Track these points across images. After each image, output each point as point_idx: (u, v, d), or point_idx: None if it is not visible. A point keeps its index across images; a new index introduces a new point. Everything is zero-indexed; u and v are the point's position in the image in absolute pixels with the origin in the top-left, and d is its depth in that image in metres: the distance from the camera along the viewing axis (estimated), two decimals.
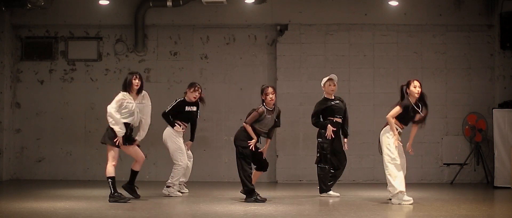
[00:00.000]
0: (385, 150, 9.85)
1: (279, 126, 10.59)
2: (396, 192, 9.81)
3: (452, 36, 13.92)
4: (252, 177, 10.38)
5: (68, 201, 10.16)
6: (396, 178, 9.77)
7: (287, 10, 13.93)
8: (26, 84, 14.14)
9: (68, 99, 14.11)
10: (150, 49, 14.11)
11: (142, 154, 10.47)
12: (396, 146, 9.79)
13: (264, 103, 10.24)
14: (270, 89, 10.25)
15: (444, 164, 13.83)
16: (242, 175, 10.14)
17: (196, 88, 11.04)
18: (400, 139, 9.86)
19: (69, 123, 14.06)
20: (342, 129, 11.08)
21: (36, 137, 14.08)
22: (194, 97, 11.05)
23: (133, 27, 13.96)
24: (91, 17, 14.00)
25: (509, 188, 12.45)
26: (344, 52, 13.92)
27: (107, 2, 13.60)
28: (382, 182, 11.63)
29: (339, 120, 10.95)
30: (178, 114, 11.02)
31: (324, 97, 11.05)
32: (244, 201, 10.08)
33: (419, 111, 9.86)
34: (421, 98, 9.89)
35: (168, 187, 10.96)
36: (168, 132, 11.06)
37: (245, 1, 13.60)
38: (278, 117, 10.39)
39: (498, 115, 12.83)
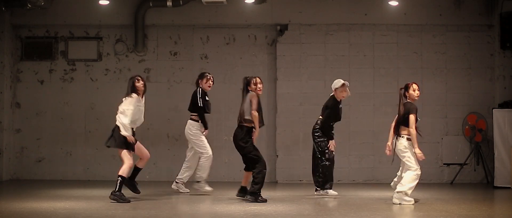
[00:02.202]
0: (409, 163, 9.82)
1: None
2: (401, 190, 9.80)
3: (452, 36, 13.92)
4: (244, 178, 10.43)
5: (68, 201, 10.16)
6: (410, 182, 9.78)
7: (287, 10, 13.93)
8: (26, 84, 14.14)
9: (68, 99, 14.11)
10: (150, 49, 14.11)
11: (147, 151, 10.57)
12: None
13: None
14: (258, 79, 10.33)
15: (444, 164, 13.84)
16: (262, 172, 10.02)
17: (208, 77, 11.10)
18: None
19: (69, 123, 14.06)
20: None
21: (36, 137, 14.08)
22: (209, 86, 11.12)
23: (133, 27, 13.96)
24: (91, 17, 14.00)
25: (509, 188, 12.46)
26: (344, 52, 13.92)
27: (107, 2, 13.60)
28: (382, 182, 11.64)
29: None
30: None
31: (335, 99, 10.96)
32: (248, 200, 10.06)
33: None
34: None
35: (198, 182, 11.06)
36: (194, 126, 11.04)
37: (245, 1, 13.60)
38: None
39: (498, 115, 12.83)
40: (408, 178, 9.80)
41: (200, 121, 11.07)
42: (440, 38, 13.92)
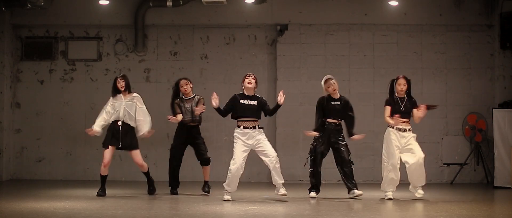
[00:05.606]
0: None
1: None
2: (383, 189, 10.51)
3: (452, 36, 13.92)
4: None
5: (68, 201, 10.16)
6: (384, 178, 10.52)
7: (287, 10, 13.93)
8: (26, 84, 14.14)
9: (68, 99, 14.12)
10: (150, 49, 14.12)
11: (138, 159, 10.92)
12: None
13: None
14: (182, 81, 11.02)
15: (444, 164, 13.84)
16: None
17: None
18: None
19: (69, 123, 14.06)
20: (347, 130, 10.86)
21: (36, 137, 14.08)
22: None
23: (133, 27, 13.96)
24: (91, 17, 14.00)
25: (509, 188, 12.46)
26: (344, 52, 13.93)
27: (107, 2, 13.60)
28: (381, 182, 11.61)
29: (334, 121, 10.69)
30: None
31: (328, 96, 10.87)
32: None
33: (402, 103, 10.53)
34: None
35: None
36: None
37: (245, 1, 13.60)
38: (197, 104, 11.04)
39: (498, 115, 12.83)
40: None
41: None
42: (440, 38, 13.92)
